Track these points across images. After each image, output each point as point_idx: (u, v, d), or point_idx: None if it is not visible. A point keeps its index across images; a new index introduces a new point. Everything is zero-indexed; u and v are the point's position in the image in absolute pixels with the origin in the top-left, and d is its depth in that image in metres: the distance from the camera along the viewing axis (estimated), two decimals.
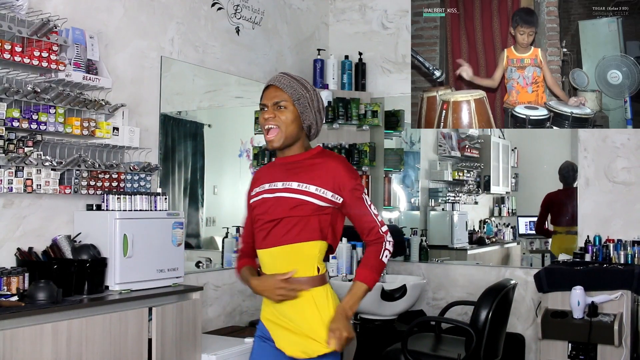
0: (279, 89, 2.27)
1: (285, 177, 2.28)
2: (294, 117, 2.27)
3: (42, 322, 2.70)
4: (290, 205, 2.24)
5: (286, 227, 2.24)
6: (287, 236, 2.24)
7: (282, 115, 2.26)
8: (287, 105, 2.26)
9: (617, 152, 4.50)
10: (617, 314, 3.91)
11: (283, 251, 2.26)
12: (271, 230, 2.26)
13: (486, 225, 6.04)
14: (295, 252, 2.25)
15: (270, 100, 2.27)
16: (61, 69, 3.15)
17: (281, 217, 2.24)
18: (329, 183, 2.24)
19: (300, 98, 2.26)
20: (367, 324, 4.38)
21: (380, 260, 2.27)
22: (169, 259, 3.39)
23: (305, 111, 2.28)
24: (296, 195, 2.24)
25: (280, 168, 2.32)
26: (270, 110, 2.27)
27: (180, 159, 4.33)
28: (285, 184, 2.27)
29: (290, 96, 2.25)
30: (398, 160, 5.31)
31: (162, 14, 3.95)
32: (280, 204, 2.25)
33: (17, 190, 3.01)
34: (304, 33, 5.21)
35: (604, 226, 4.47)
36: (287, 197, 2.25)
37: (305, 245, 2.25)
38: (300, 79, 2.31)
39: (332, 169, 2.25)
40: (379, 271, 2.28)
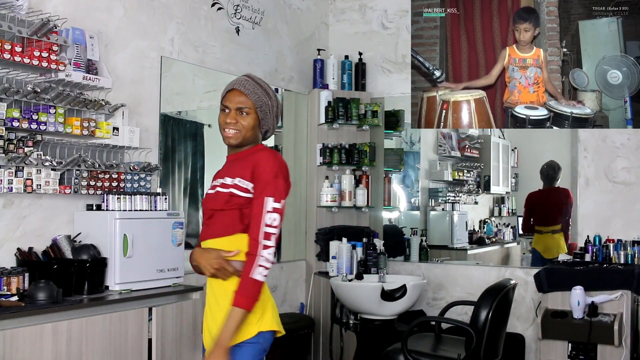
0: (243, 94, 2.30)
1: (225, 173, 2.33)
2: (254, 124, 2.31)
3: (42, 322, 2.70)
4: (222, 199, 2.27)
5: (219, 220, 2.28)
6: (219, 229, 2.28)
7: (243, 121, 2.30)
8: (249, 112, 2.30)
9: (617, 152, 4.50)
10: (617, 314, 3.91)
11: (216, 244, 2.28)
12: (208, 223, 2.32)
13: (486, 225, 6.04)
14: (224, 245, 2.27)
15: (234, 104, 2.30)
16: (61, 69, 3.15)
17: (214, 210, 2.29)
18: (248, 173, 2.25)
19: (263, 105, 2.31)
20: (367, 324, 4.38)
21: (251, 278, 2.16)
22: (169, 259, 3.40)
23: (266, 117, 2.33)
24: (227, 189, 2.27)
25: (227, 164, 2.38)
26: (232, 114, 2.30)
27: (180, 159, 4.33)
28: (222, 180, 2.31)
29: (253, 103, 2.29)
30: (398, 160, 5.31)
31: (162, 14, 3.95)
32: (216, 199, 2.29)
33: (17, 190, 3.01)
34: (304, 33, 5.21)
35: (604, 226, 4.47)
36: (221, 192, 2.29)
37: (234, 238, 2.26)
38: (263, 85, 2.34)
39: (257, 159, 2.26)
40: (251, 292, 2.16)
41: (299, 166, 5.07)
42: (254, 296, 2.17)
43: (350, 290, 4.34)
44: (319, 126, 5.05)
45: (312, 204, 5.04)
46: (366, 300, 4.27)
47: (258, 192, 2.22)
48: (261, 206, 2.20)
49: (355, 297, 4.33)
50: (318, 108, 5.04)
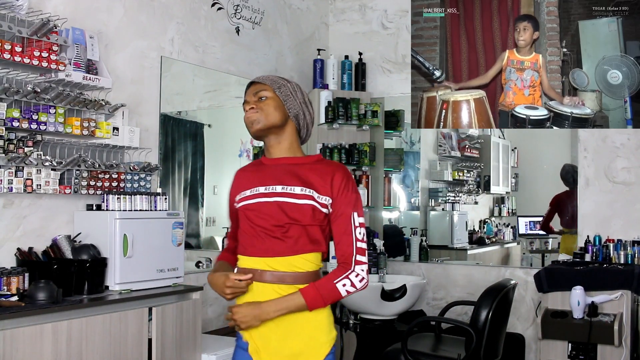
0: (259, 83, 2.20)
1: (280, 181, 2.14)
2: (276, 105, 2.15)
3: (42, 322, 2.70)
4: (292, 210, 2.09)
5: (289, 236, 2.09)
6: (291, 247, 2.10)
7: (264, 104, 2.15)
8: (268, 94, 2.16)
9: (617, 152, 4.50)
10: (617, 314, 3.91)
11: (284, 262, 2.10)
12: (270, 238, 2.11)
13: (486, 225, 6.04)
14: (297, 264, 2.10)
15: (251, 93, 2.19)
16: (61, 69, 3.15)
17: (283, 224, 2.09)
18: (327, 189, 2.10)
19: (282, 87, 2.18)
20: (367, 324, 4.38)
21: (334, 285, 2.05)
22: (169, 259, 3.39)
23: (288, 100, 2.17)
24: (298, 200, 2.10)
25: (272, 170, 2.18)
26: (251, 103, 2.17)
27: (180, 159, 4.33)
28: (284, 188, 2.12)
29: (270, 86, 2.17)
30: (398, 160, 5.31)
31: (162, 14, 3.95)
32: (282, 209, 2.10)
33: (17, 190, 3.01)
34: (304, 33, 5.21)
35: (604, 226, 4.47)
36: (289, 203, 2.10)
37: (306, 257, 2.11)
38: (280, 76, 2.26)
39: (333, 176, 2.11)
40: (326, 296, 2.05)
41: None
42: (325, 300, 2.06)
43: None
44: (319, 126, 5.05)
45: None
46: (366, 300, 4.26)
47: (342, 207, 2.09)
48: (349, 221, 2.09)
49: (355, 297, 4.32)
50: (318, 108, 5.04)
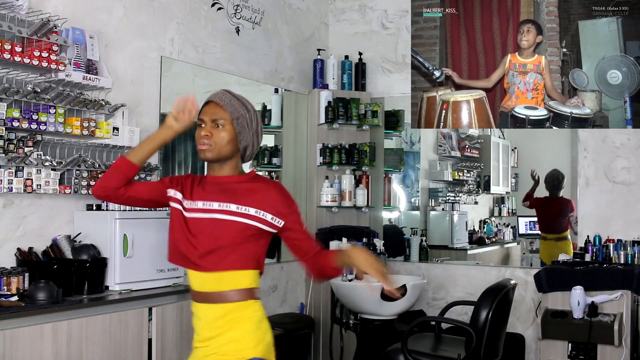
0: (219, 105, 2.20)
1: (220, 198, 2.20)
2: (230, 138, 2.19)
3: (42, 322, 2.70)
4: (228, 228, 2.17)
5: (223, 253, 2.17)
6: (222, 263, 2.17)
7: (219, 133, 2.19)
8: (225, 124, 2.19)
9: (617, 152, 4.50)
10: (617, 314, 3.91)
11: (216, 277, 2.18)
12: (206, 254, 2.18)
13: (486, 225, 6.04)
14: (229, 279, 2.17)
15: (209, 116, 2.21)
16: (61, 69, 3.15)
17: (219, 243, 2.17)
18: (267, 207, 2.18)
19: (240, 118, 2.19)
20: (367, 324, 4.38)
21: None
22: None
23: (243, 131, 2.20)
24: (235, 217, 2.17)
25: (213, 187, 2.24)
26: (207, 127, 2.20)
27: (180, 159, 4.33)
28: (222, 205, 2.19)
29: (230, 115, 2.19)
30: (398, 160, 5.31)
31: (162, 14, 3.95)
32: (218, 227, 2.18)
33: (17, 190, 3.01)
34: (304, 33, 5.21)
35: (604, 226, 4.47)
36: (226, 220, 2.18)
37: (239, 274, 2.18)
38: (241, 98, 2.24)
39: (270, 194, 2.21)
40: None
41: (299, 166, 5.07)
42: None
43: (350, 290, 4.34)
44: (319, 126, 5.05)
45: (312, 204, 5.04)
46: (366, 300, 4.26)
47: (294, 221, 2.23)
48: (302, 229, 2.27)
49: (355, 297, 4.33)
50: (318, 108, 5.04)
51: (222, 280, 2.18)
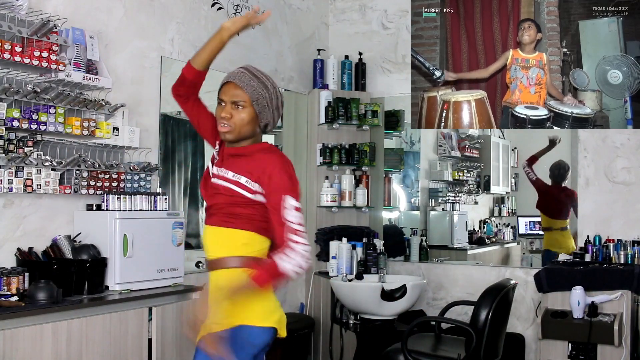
0: (238, 87, 2.23)
1: (226, 165, 2.27)
2: (250, 119, 2.22)
3: (42, 322, 2.70)
4: (223, 192, 2.24)
5: (221, 212, 2.24)
6: (221, 220, 2.24)
7: (238, 114, 2.22)
8: (245, 105, 2.21)
9: (617, 152, 4.50)
10: (617, 314, 3.91)
11: (216, 231, 2.26)
12: (211, 211, 2.29)
13: (486, 225, 6.04)
14: (225, 236, 2.24)
15: (229, 98, 2.23)
16: (61, 69, 3.15)
17: (215, 203, 2.26)
18: (258, 175, 2.19)
19: (259, 98, 2.22)
20: (367, 324, 4.38)
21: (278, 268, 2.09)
22: (169, 259, 3.40)
23: (263, 111, 2.24)
24: (229, 184, 2.23)
25: (227, 156, 2.30)
26: (227, 108, 2.23)
27: (180, 159, 4.33)
28: (223, 172, 2.26)
29: (249, 96, 2.21)
30: (398, 160, 5.31)
31: (162, 14, 3.95)
32: (217, 191, 2.26)
33: (17, 190, 3.01)
34: (304, 33, 5.21)
35: (604, 226, 4.47)
36: (222, 186, 2.25)
37: (233, 233, 2.22)
38: (261, 77, 2.26)
39: (268, 163, 2.20)
40: (273, 275, 2.11)
41: (299, 166, 5.06)
42: (272, 280, 2.12)
43: (350, 290, 4.34)
44: (319, 126, 5.05)
45: (312, 204, 5.03)
46: (366, 300, 4.26)
47: (274, 191, 2.15)
48: (279, 204, 2.13)
49: (355, 297, 4.33)
50: (318, 108, 5.04)
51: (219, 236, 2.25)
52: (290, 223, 2.11)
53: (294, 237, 2.10)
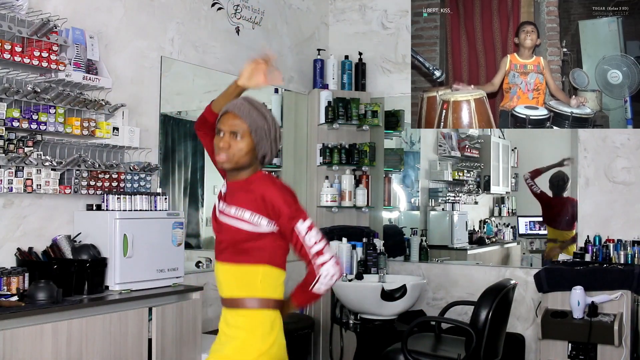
0: (237, 116, 2.20)
1: (229, 200, 2.25)
2: (248, 149, 2.20)
3: (42, 322, 2.70)
4: (228, 229, 2.22)
5: (230, 248, 2.24)
6: (232, 256, 2.23)
7: (237, 145, 2.20)
8: (243, 135, 2.19)
9: (617, 152, 4.50)
10: (617, 314, 3.91)
11: (229, 269, 2.26)
12: (221, 247, 2.28)
13: (486, 225, 6.04)
14: (240, 274, 2.24)
15: (228, 127, 2.21)
16: (61, 69, 3.15)
17: (224, 239, 2.25)
18: (258, 205, 2.19)
19: (258, 129, 2.19)
20: (367, 324, 4.38)
21: (311, 291, 2.29)
22: (169, 259, 3.39)
23: (262, 141, 2.22)
24: (233, 221, 2.21)
25: (228, 190, 2.29)
26: (225, 138, 2.20)
27: (180, 159, 4.33)
28: (227, 208, 2.24)
29: (248, 126, 2.19)
30: (398, 160, 5.31)
31: (162, 14, 3.95)
32: (222, 227, 2.26)
33: (17, 190, 3.01)
34: (304, 33, 5.21)
35: (604, 226, 4.47)
36: (227, 224, 2.23)
37: (247, 269, 2.23)
38: (260, 108, 2.24)
39: (265, 190, 2.20)
40: (308, 298, 2.39)
41: (299, 166, 5.06)
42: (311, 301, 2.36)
43: (350, 290, 4.34)
44: (319, 126, 5.05)
45: (312, 204, 5.04)
46: (366, 300, 4.26)
47: (283, 221, 2.19)
48: (298, 234, 2.21)
49: (355, 297, 4.33)
50: (318, 108, 5.04)
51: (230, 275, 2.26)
52: (311, 248, 2.22)
53: (318, 261, 2.22)
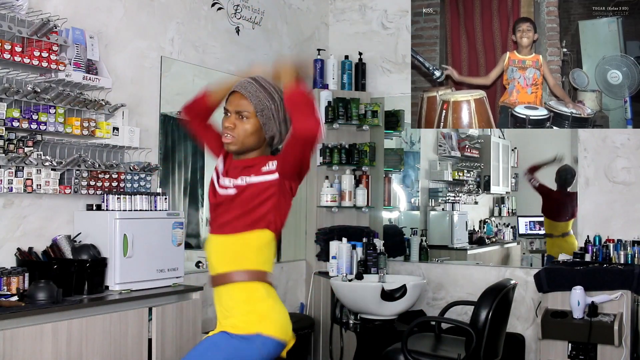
0: (244, 97, 2.18)
1: (232, 176, 2.23)
2: (254, 130, 2.18)
3: (42, 322, 2.70)
4: (229, 200, 2.19)
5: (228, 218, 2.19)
6: (229, 227, 2.18)
7: (242, 125, 2.18)
8: (249, 116, 2.17)
9: (617, 152, 4.50)
10: (617, 314, 3.91)
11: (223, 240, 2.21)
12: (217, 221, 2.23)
13: (486, 225, 6.04)
14: (232, 243, 2.19)
15: (233, 107, 2.19)
16: (61, 69, 3.15)
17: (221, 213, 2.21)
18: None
19: (264, 109, 2.17)
20: (367, 324, 4.38)
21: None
22: (169, 259, 3.40)
23: (269, 122, 2.19)
24: (235, 185, 2.19)
25: (233, 167, 2.26)
26: (231, 118, 2.19)
27: (180, 159, 4.33)
28: (227, 181, 2.22)
29: (254, 107, 2.17)
30: (398, 160, 5.31)
31: (162, 14, 3.95)
32: (223, 199, 2.22)
33: (17, 190, 3.01)
34: (304, 33, 5.21)
35: (604, 226, 4.47)
36: (227, 194, 2.20)
37: (241, 237, 2.17)
38: (268, 87, 2.20)
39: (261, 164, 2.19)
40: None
41: None
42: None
43: (350, 290, 4.34)
44: None
45: (312, 204, 5.04)
46: (366, 300, 4.26)
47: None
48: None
49: (355, 297, 4.33)
50: (318, 108, 5.03)
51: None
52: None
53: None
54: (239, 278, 2.18)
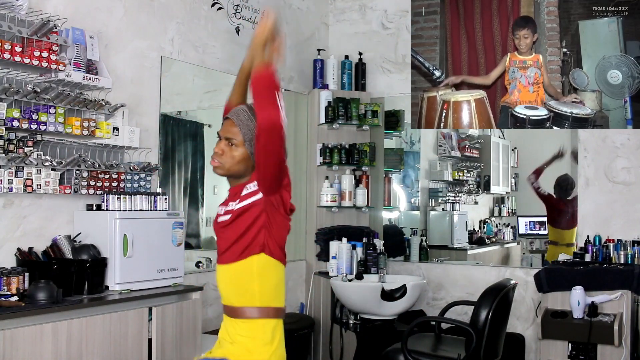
0: (234, 124, 2.18)
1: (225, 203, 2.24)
2: (242, 158, 2.17)
3: (42, 322, 2.70)
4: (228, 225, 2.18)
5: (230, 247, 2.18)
6: (229, 255, 2.17)
7: (230, 152, 2.17)
8: (237, 144, 2.17)
9: (617, 152, 4.50)
10: (617, 314, 3.91)
11: (226, 269, 2.20)
12: (222, 250, 2.22)
13: (486, 225, 6.04)
14: (235, 272, 2.18)
15: (224, 134, 2.20)
16: (61, 69, 3.15)
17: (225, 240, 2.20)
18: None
19: (253, 139, 2.15)
20: (367, 324, 4.38)
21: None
22: (169, 259, 3.40)
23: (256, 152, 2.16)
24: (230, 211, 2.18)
25: (229, 194, 2.26)
26: (221, 144, 2.19)
27: (180, 159, 4.33)
28: (224, 208, 2.22)
29: (242, 136, 2.16)
30: (398, 160, 5.31)
31: (162, 14, 3.95)
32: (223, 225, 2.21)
33: (17, 190, 3.01)
34: (304, 33, 5.21)
35: (604, 226, 4.47)
36: (225, 220, 2.19)
37: (244, 264, 2.16)
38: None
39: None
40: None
41: (299, 166, 5.07)
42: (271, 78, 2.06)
43: (350, 290, 4.34)
44: (319, 126, 5.05)
45: (312, 204, 5.04)
46: (366, 300, 4.26)
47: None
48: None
49: (355, 297, 4.33)
50: (318, 108, 5.04)
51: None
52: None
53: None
54: (248, 315, 2.18)
